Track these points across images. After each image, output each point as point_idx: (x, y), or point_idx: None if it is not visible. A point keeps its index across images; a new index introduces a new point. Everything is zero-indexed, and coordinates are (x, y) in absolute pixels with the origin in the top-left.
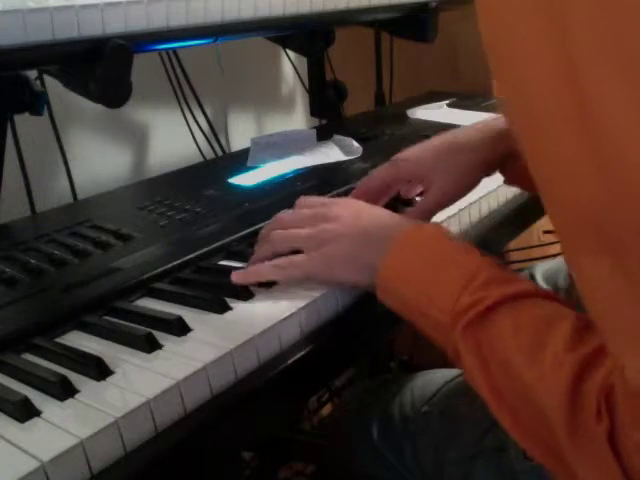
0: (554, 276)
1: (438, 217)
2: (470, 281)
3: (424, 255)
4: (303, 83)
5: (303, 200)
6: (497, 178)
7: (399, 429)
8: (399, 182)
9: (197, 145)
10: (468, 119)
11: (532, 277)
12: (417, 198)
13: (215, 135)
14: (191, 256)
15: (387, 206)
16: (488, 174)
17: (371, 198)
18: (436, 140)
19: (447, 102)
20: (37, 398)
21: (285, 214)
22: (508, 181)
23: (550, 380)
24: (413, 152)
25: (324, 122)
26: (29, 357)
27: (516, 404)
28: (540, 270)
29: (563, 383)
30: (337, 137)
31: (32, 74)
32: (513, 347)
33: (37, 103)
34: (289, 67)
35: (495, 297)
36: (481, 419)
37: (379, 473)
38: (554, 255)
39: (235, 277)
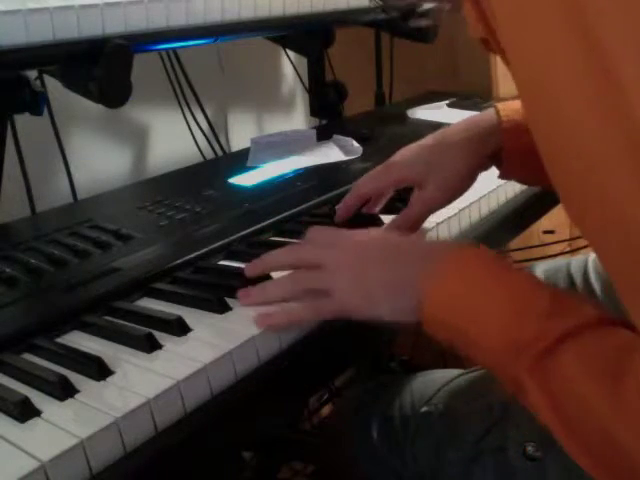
0: (554, 276)
1: (438, 217)
2: (529, 309)
3: (470, 280)
4: (303, 83)
5: (318, 232)
6: (497, 179)
7: (399, 429)
8: (392, 187)
9: (197, 145)
10: None
11: None
12: None
13: (215, 135)
14: (191, 256)
15: (385, 206)
16: (484, 169)
17: (365, 204)
18: (427, 140)
19: (447, 102)
20: (37, 398)
21: (298, 250)
22: (502, 175)
23: (632, 411)
24: (404, 155)
25: (324, 122)
26: (29, 357)
27: (590, 437)
28: (540, 270)
29: None
30: (337, 137)
31: (32, 74)
32: (587, 381)
33: (37, 103)
34: (289, 67)
35: (561, 329)
36: (481, 419)
37: (379, 473)
38: (554, 255)
39: (261, 322)
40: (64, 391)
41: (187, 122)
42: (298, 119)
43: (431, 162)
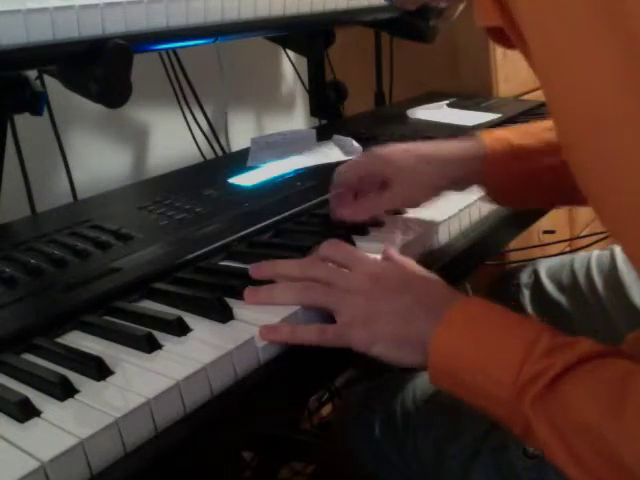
0: (558, 273)
1: (439, 217)
2: (530, 351)
3: (475, 331)
4: (303, 83)
5: (333, 249)
6: None
7: (401, 426)
8: (371, 177)
9: (197, 145)
10: (468, 119)
11: (536, 273)
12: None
13: (215, 135)
14: (191, 256)
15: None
16: (455, 189)
17: (350, 191)
18: (414, 146)
19: (447, 102)
20: (37, 398)
21: (311, 266)
22: (489, 199)
23: (634, 432)
24: (390, 151)
25: (324, 122)
26: (29, 357)
27: (599, 468)
28: (544, 266)
29: None
30: (337, 137)
31: (32, 74)
32: (592, 411)
33: (37, 103)
34: (289, 67)
35: (562, 364)
36: (482, 417)
37: (381, 470)
38: (554, 255)
39: (265, 335)
40: (64, 391)
41: (187, 122)
42: (298, 119)
43: (407, 167)
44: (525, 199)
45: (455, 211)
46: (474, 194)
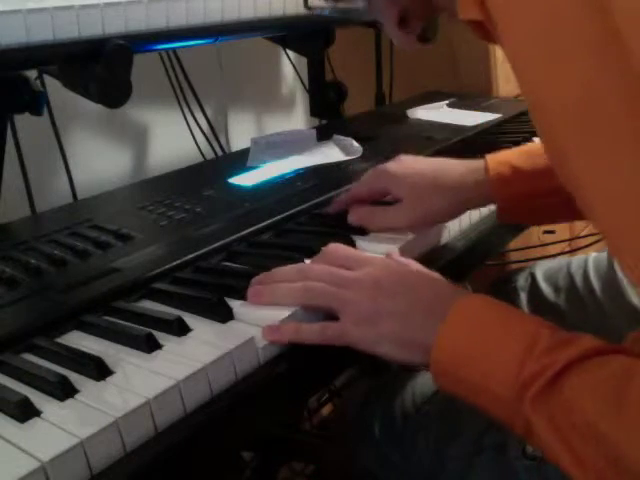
0: (555, 275)
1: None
2: (530, 349)
3: (476, 330)
4: (303, 83)
5: (334, 252)
6: None
7: (400, 426)
8: (376, 194)
9: (197, 145)
10: (468, 119)
11: (533, 276)
12: None
13: (215, 135)
14: (191, 256)
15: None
16: (463, 213)
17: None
18: (424, 165)
19: (447, 102)
20: (37, 398)
21: (312, 270)
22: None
23: (635, 427)
24: (398, 170)
25: (324, 122)
26: (29, 357)
27: (603, 468)
28: (541, 269)
29: None
30: (337, 137)
31: (32, 74)
32: (592, 409)
33: (37, 103)
34: (289, 67)
35: (562, 362)
36: (482, 418)
37: (380, 471)
38: (554, 255)
39: (269, 335)
40: (64, 391)
41: (187, 122)
42: (298, 119)
43: (420, 192)
44: (534, 218)
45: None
46: None
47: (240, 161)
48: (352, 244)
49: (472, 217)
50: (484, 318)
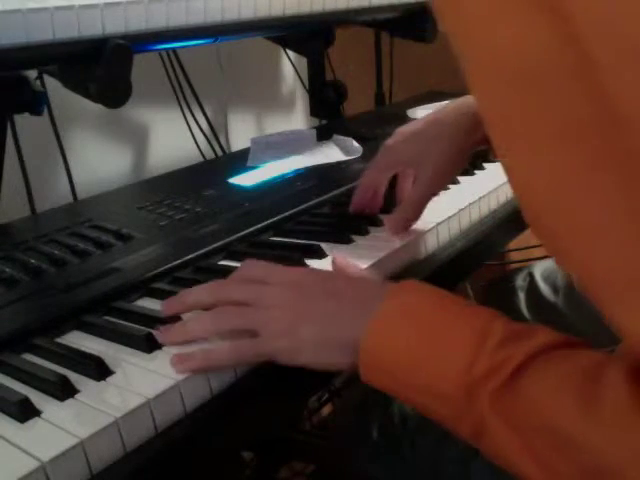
0: (553, 275)
1: (438, 217)
2: (481, 342)
3: (414, 321)
4: (303, 83)
5: (250, 266)
6: (497, 178)
7: (399, 428)
8: (390, 169)
9: (197, 145)
10: None
11: (531, 276)
12: None
13: (215, 135)
14: (191, 256)
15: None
16: (474, 149)
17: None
18: (418, 124)
19: (447, 102)
20: (37, 398)
21: (223, 287)
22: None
23: (615, 430)
24: (398, 140)
25: (324, 122)
26: (29, 357)
27: (570, 473)
28: (539, 269)
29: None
30: (337, 137)
31: (32, 74)
32: (557, 409)
33: (37, 103)
34: (289, 67)
35: (519, 357)
36: None
37: (379, 473)
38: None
39: (178, 365)
40: (64, 391)
41: (187, 122)
42: (298, 119)
43: (424, 145)
44: None
45: (455, 211)
46: (474, 194)
47: (240, 161)
48: (350, 244)
49: (472, 217)
50: (422, 308)
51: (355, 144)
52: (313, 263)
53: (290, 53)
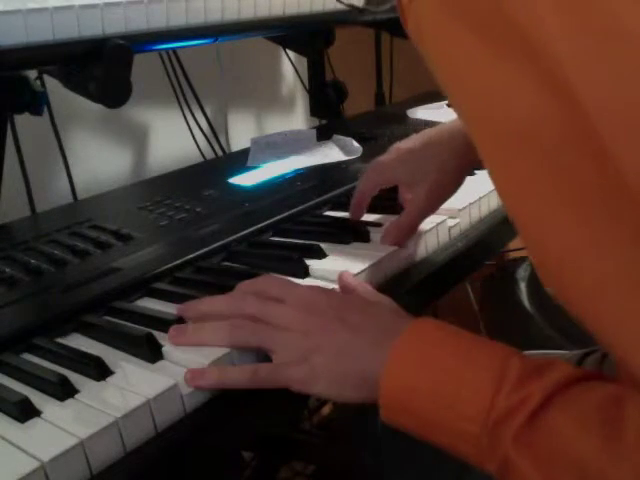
0: None
1: (438, 217)
2: (500, 381)
3: (433, 362)
4: (303, 83)
5: (266, 282)
6: None
7: None
8: (379, 187)
9: (197, 145)
10: None
11: (532, 266)
12: None
13: (215, 135)
14: (191, 256)
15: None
16: (470, 169)
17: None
18: (413, 143)
19: (447, 102)
20: (37, 398)
21: (242, 301)
22: None
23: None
24: (392, 158)
25: (324, 122)
26: (29, 357)
27: None
28: None
29: None
30: (337, 137)
31: (32, 74)
32: (583, 443)
33: (37, 103)
34: (289, 67)
35: (540, 394)
36: None
37: (380, 471)
38: None
39: (191, 380)
40: (64, 391)
41: (187, 122)
42: (298, 119)
43: (418, 166)
44: None
45: (455, 211)
46: (474, 194)
47: (240, 161)
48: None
49: (472, 217)
50: (439, 347)
51: (355, 144)
52: (313, 263)
53: (290, 53)
